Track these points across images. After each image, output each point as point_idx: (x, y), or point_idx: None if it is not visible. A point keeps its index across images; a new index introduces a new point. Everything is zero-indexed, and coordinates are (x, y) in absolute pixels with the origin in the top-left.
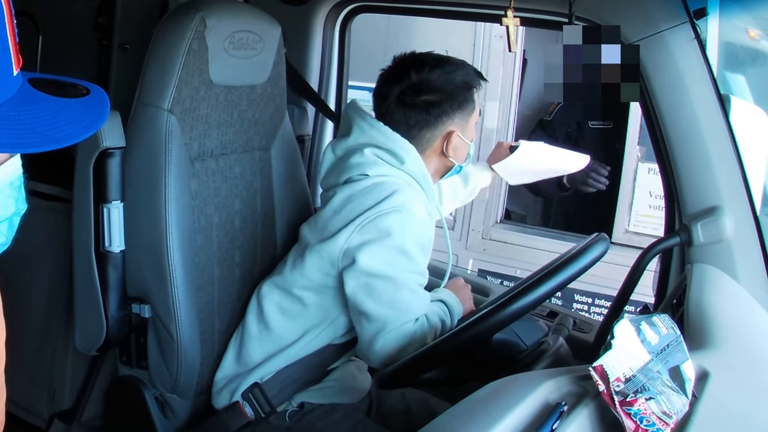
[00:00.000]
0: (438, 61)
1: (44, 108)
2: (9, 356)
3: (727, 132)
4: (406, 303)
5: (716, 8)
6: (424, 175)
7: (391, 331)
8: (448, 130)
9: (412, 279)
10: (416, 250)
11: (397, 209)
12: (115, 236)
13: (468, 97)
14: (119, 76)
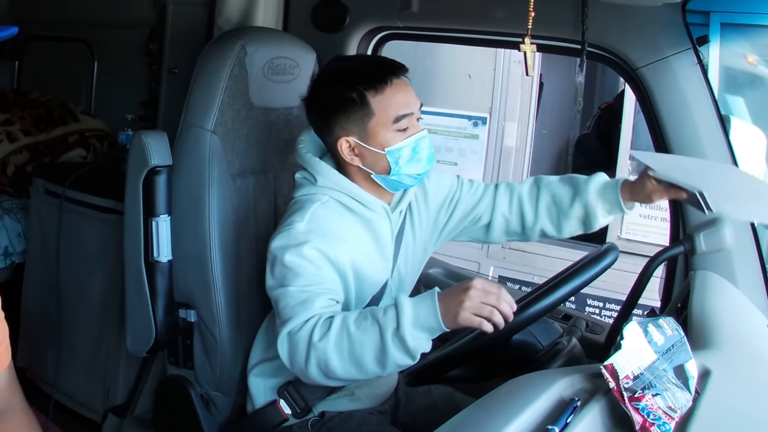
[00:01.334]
0: (344, 60)
1: None
2: (67, 356)
3: (728, 149)
4: (289, 310)
5: (717, 36)
6: (344, 188)
7: (282, 335)
8: (339, 137)
9: (295, 286)
10: (298, 262)
11: (282, 230)
12: (162, 247)
13: (354, 99)
14: (168, 98)
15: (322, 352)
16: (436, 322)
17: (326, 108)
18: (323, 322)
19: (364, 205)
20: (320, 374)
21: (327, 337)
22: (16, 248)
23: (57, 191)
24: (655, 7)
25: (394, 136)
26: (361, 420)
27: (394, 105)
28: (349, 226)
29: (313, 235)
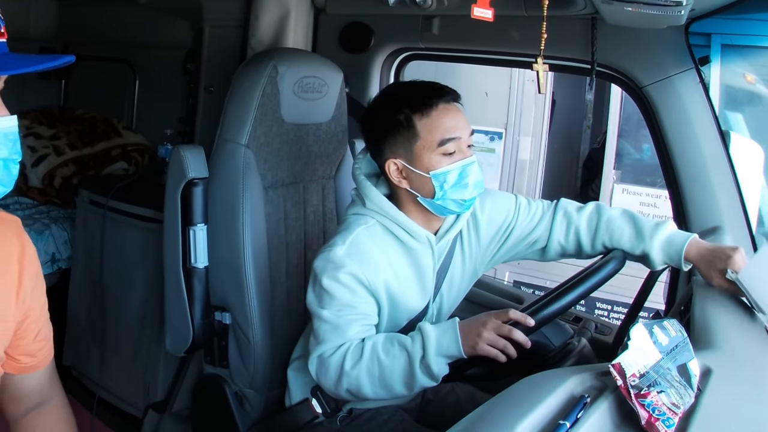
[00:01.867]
0: (396, 86)
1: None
2: (110, 356)
3: (728, 163)
4: (321, 332)
5: (718, 56)
6: (389, 213)
7: (313, 355)
8: (387, 159)
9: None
10: (334, 287)
11: (325, 249)
12: (199, 254)
13: (401, 121)
14: (204, 114)
15: (355, 378)
16: (457, 350)
17: (377, 131)
18: (354, 349)
19: (409, 234)
20: (350, 395)
21: (359, 365)
22: (63, 255)
23: (101, 201)
24: (660, 29)
25: (439, 160)
26: (387, 417)
27: (440, 128)
28: (391, 253)
29: (349, 260)
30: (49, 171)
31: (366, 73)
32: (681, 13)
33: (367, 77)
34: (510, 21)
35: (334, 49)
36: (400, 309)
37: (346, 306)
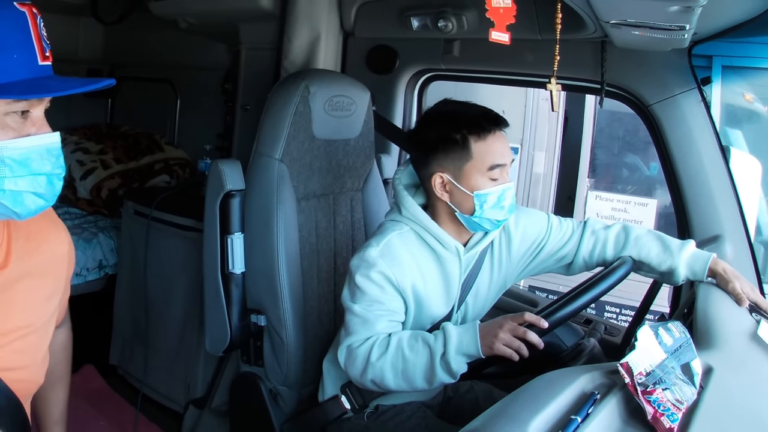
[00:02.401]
0: (454, 104)
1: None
2: (153, 355)
3: (728, 176)
4: (352, 325)
5: (719, 77)
6: (422, 222)
7: (343, 345)
8: (434, 172)
9: (360, 306)
10: (366, 284)
11: (362, 249)
12: (237, 261)
13: (457, 140)
14: (241, 131)
15: (379, 370)
16: (475, 350)
17: (428, 144)
18: (380, 342)
19: (440, 243)
20: (374, 385)
21: (384, 358)
22: (109, 261)
23: (145, 212)
24: (665, 51)
25: (485, 182)
26: (410, 413)
27: (493, 153)
28: (420, 259)
29: (381, 260)
30: (97, 183)
31: (391, 92)
32: (684, 36)
33: (393, 96)
34: (525, 44)
35: (362, 70)
36: (425, 312)
37: (375, 302)
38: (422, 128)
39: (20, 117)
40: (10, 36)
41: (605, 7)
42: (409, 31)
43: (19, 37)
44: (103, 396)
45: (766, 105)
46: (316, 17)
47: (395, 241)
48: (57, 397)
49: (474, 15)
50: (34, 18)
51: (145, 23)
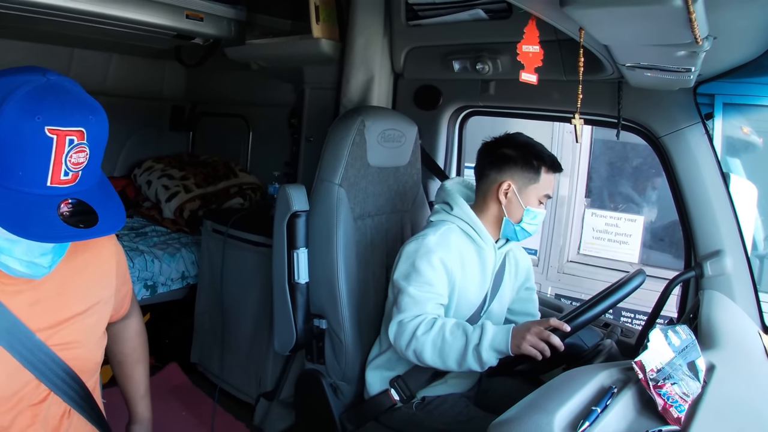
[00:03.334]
0: (532, 142)
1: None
2: (229, 354)
3: (728, 199)
4: (404, 303)
5: (720, 113)
6: (471, 219)
7: (394, 320)
8: (504, 180)
9: (414, 287)
10: (424, 267)
11: (417, 238)
12: (302, 272)
13: (535, 166)
14: (305, 159)
15: (421, 344)
16: (505, 347)
17: (508, 158)
18: (428, 321)
19: (481, 237)
20: (413, 356)
21: (427, 335)
22: (191, 273)
23: (221, 230)
24: (673, 90)
25: (535, 203)
26: (453, 403)
27: (549, 186)
28: (466, 250)
29: (439, 248)
30: (180, 205)
31: (436, 125)
32: (690, 77)
33: (437, 129)
34: (552, 84)
35: (410, 106)
36: (463, 297)
37: (427, 284)
38: (506, 145)
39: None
40: (27, 155)
41: (622, 52)
42: (451, 73)
43: (35, 158)
44: (185, 390)
45: (762, 137)
46: (370, 61)
47: (448, 233)
48: (139, 375)
49: (507, 59)
50: (62, 145)
51: (221, 66)
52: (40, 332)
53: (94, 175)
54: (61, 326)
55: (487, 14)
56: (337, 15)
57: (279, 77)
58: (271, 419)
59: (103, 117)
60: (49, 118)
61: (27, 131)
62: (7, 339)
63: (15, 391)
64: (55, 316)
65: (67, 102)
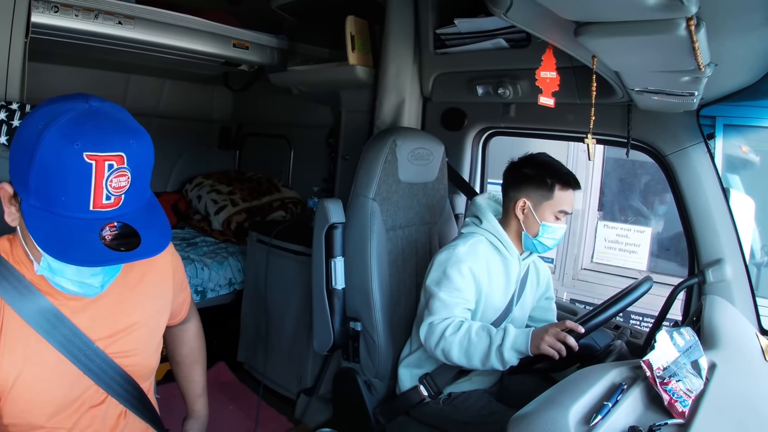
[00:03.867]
0: (551, 159)
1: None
2: (272, 354)
3: (728, 212)
4: (434, 307)
5: (721, 133)
6: (498, 232)
7: (425, 322)
8: (521, 197)
9: (444, 292)
10: (454, 274)
11: (449, 248)
12: (338, 279)
13: (548, 184)
14: (342, 176)
15: (449, 344)
16: (525, 347)
17: (525, 176)
18: (455, 323)
19: (506, 249)
20: (441, 355)
21: (455, 336)
22: (237, 279)
23: (265, 240)
24: (678, 113)
25: (551, 219)
26: (477, 398)
27: (564, 202)
28: (492, 260)
29: (468, 258)
30: (227, 218)
31: (461, 145)
32: (693, 101)
33: (462, 148)
34: (567, 107)
35: (437, 127)
36: (489, 302)
37: (456, 290)
38: (524, 165)
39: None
40: (68, 181)
41: (631, 78)
42: (475, 97)
43: (76, 184)
44: (232, 386)
45: (759, 155)
46: (401, 86)
47: (477, 243)
48: (197, 375)
49: (526, 84)
50: (101, 170)
51: (265, 90)
52: (100, 341)
53: (138, 197)
54: (119, 336)
55: (508, 43)
56: (371, 44)
57: (318, 101)
58: (310, 413)
59: (145, 140)
60: (87, 144)
61: (67, 158)
62: (69, 349)
63: (77, 396)
64: (113, 326)
65: (107, 127)
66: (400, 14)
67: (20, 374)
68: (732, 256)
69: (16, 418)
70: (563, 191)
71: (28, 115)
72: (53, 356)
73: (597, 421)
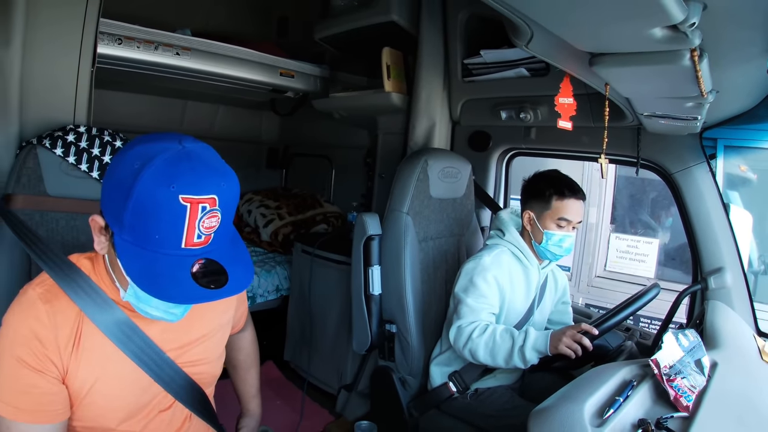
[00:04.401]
0: (554, 173)
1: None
2: (315, 353)
3: (728, 225)
4: (462, 311)
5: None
6: (519, 243)
7: (454, 325)
8: (527, 210)
9: (471, 299)
10: (480, 282)
11: (475, 258)
12: (375, 285)
13: (546, 195)
14: (378, 192)
15: (476, 345)
16: (544, 347)
17: (529, 192)
18: (481, 326)
19: (527, 259)
20: (469, 355)
21: (481, 337)
22: (284, 286)
23: (309, 251)
24: (683, 135)
25: (553, 227)
26: (501, 393)
27: (563, 211)
28: (514, 269)
29: (493, 267)
30: (275, 230)
31: (486, 164)
32: (697, 124)
33: (487, 167)
34: (582, 130)
35: (465, 148)
36: (511, 306)
37: (482, 296)
38: (531, 183)
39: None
40: (162, 221)
41: (640, 104)
42: (499, 121)
43: (171, 224)
44: (279, 383)
45: (756, 174)
46: (432, 111)
47: (500, 254)
48: (252, 378)
49: (545, 109)
50: (195, 212)
51: (309, 115)
52: (170, 352)
53: (225, 235)
54: (188, 347)
55: (529, 72)
56: (405, 73)
57: (357, 124)
58: (350, 407)
59: (233, 182)
60: (183, 187)
61: (162, 199)
62: (142, 358)
63: (147, 401)
64: (183, 339)
65: (201, 171)
66: (431, 46)
67: (96, 381)
68: (732, 264)
69: (90, 422)
70: (560, 200)
71: (122, 153)
72: (128, 365)
73: (609, 415)
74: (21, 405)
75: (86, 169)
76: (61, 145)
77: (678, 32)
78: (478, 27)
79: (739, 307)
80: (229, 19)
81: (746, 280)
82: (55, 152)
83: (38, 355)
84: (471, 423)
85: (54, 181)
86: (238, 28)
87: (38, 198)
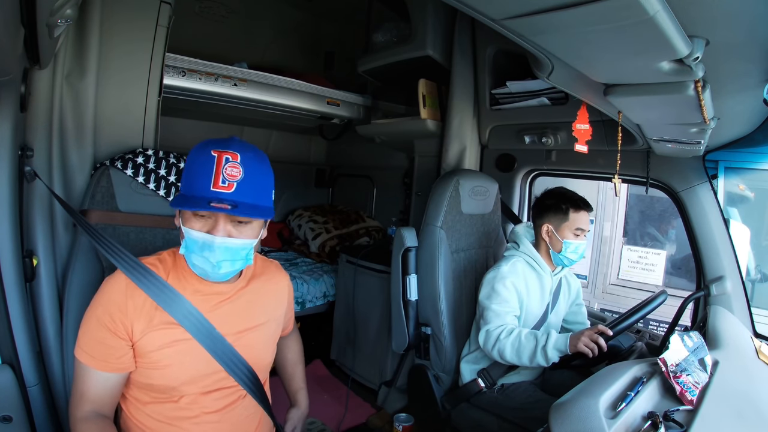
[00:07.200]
0: (564, 190)
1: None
2: (358, 353)
3: (728, 238)
4: (489, 317)
5: (722, 174)
6: (532, 253)
7: (483, 330)
8: (544, 223)
9: (495, 304)
10: (501, 288)
11: (494, 268)
12: (412, 292)
13: (563, 209)
14: (415, 209)
15: (503, 345)
16: (565, 347)
17: (546, 206)
18: (508, 329)
19: (540, 267)
20: (497, 355)
21: (507, 339)
22: (330, 293)
23: (353, 261)
24: (687, 157)
25: (570, 236)
26: (525, 388)
27: (580, 221)
28: (529, 276)
29: (510, 274)
30: (323, 242)
31: (512, 183)
32: (700, 148)
33: (513, 186)
34: (598, 153)
35: (493, 169)
36: (528, 310)
37: (505, 301)
38: (546, 198)
39: (198, 217)
40: (201, 170)
41: (649, 129)
42: (523, 144)
43: (204, 171)
44: (326, 379)
45: (753, 192)
46: (463, 136)
47: (516, 263)
48: (298, 373)
49: (564, 134)
50: (221, 162)
51: (353, 139)
52: (229, 336)
53: (249, 194)
54: (245, 333)
55: (550, 101)
56: (439, 101)
57: (395, 148)
58: (389, 401)
59: (259, 154)
60: (215, 146)
61: (201, 155)
62: (205, 341)
63: (209, 373)
64: (242, 325)
65: (233, 142)
66: (462, 78)
67: (163, 346)
68: (731, 273)
69: (156, 380)
70: (576, 213)
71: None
72: (193, 343)
73: (622, 408)
74: (94, 354)
75: (154, 188)
76: (132, 166)
77: (683, 65)
78: (504, 61)
79: (738, 312)
80: (282, 53)
81: (744, 287)
82: (126, 172)
83: (113, 316)
84: (498, 415)
85: (125, 199)
86: (290, 62)
87: (111, 213)
